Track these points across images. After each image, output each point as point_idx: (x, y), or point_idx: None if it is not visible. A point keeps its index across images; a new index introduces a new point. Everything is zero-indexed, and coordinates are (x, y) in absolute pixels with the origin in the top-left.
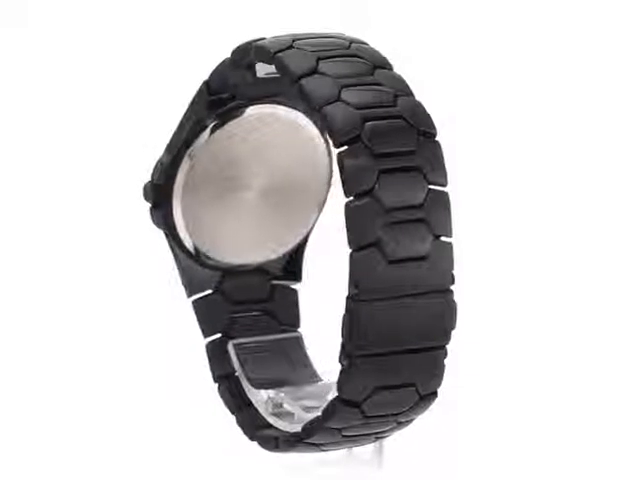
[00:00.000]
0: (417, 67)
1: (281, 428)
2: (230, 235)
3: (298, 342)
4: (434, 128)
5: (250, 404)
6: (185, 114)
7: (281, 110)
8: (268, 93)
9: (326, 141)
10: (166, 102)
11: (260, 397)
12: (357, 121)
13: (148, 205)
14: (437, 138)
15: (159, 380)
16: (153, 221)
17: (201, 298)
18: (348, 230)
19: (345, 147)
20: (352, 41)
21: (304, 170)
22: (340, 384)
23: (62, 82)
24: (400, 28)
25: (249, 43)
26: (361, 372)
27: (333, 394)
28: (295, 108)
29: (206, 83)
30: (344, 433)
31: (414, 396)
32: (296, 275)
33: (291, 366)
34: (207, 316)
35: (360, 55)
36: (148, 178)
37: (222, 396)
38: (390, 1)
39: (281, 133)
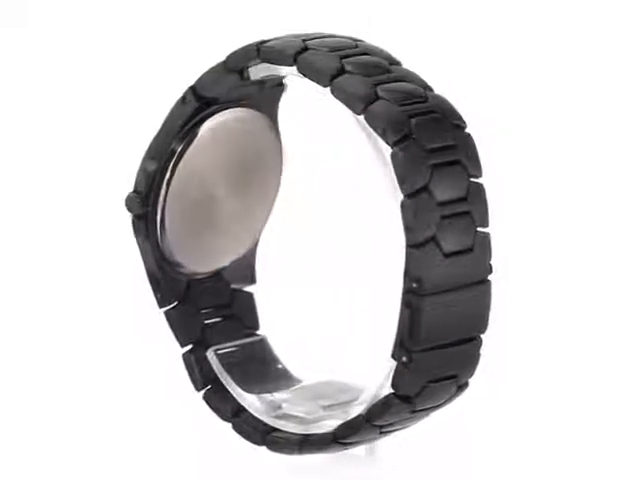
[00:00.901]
0: None
1: (285, 429)
2: (202, 243)
3: (266, 344)
4: (464, 121)
5: (244, 409)
6: (166, 120)
7: (239, 114)
8: (241, 97)
9: (279, 141)
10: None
11: (254, 401)
12: (404, 118)
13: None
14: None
15: (158, 381)
16: (135, 232)
17: (171, 309)
18: (406, 226)
19: (397, 145)
20: (354, 39)
21: (258, 172)
22: (396, 380)
23: (61, 82)
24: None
25: (250, 46)
26: (419, 367)
27: (347, 391)
28: (257, 110)
29: (192, 88)
30: (383, 430)
31: (453, 387)
32: (252, 278)
33: (270, 367)
34: (180, 326)
35: (371, 53)
36: (127, 187)
37: (212, 404)
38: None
39: (236, 140)
